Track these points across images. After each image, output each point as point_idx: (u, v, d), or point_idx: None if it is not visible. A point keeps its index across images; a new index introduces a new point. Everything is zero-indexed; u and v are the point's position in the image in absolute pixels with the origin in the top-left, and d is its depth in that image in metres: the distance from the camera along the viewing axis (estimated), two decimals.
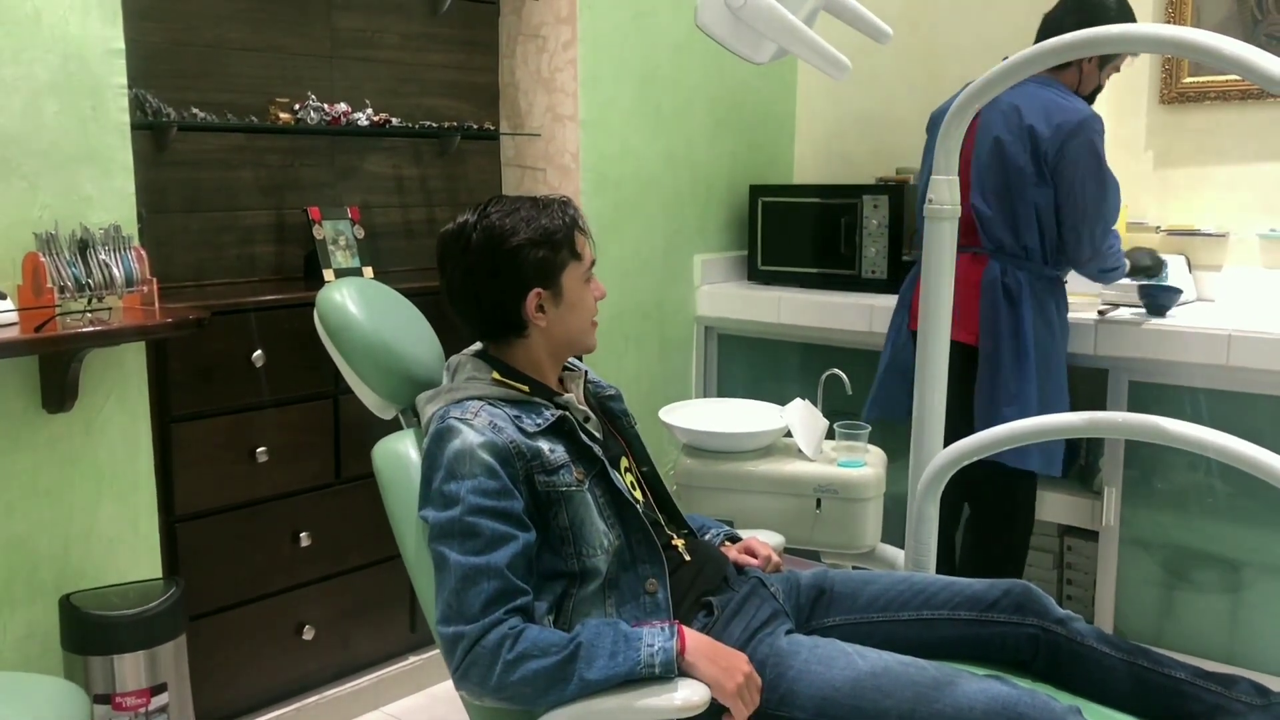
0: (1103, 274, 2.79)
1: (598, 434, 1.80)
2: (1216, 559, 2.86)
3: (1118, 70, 2.88)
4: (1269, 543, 2.78)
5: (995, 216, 2.72)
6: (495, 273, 1.72)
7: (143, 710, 2.12)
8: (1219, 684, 1.71)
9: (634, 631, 1.55)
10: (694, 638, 1.56)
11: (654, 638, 1.53)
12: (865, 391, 3.01)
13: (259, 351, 2.50)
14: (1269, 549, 2.78)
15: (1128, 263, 2.84)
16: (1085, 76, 2.79)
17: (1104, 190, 2.67)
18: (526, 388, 1.75)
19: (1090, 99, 2.81)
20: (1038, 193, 2.68)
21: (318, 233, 2.80)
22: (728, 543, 1.98)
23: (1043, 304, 2.73)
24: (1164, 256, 3.14)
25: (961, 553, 2.96)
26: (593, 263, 1.81)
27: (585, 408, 1.83)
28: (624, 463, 1.83)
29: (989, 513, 2.89)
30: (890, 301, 3.19)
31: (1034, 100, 2.67)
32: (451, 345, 1.91)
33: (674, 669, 1.52)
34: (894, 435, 2.99)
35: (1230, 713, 1.69)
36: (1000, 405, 2.69)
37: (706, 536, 1.96)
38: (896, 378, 2.94)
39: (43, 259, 2.05)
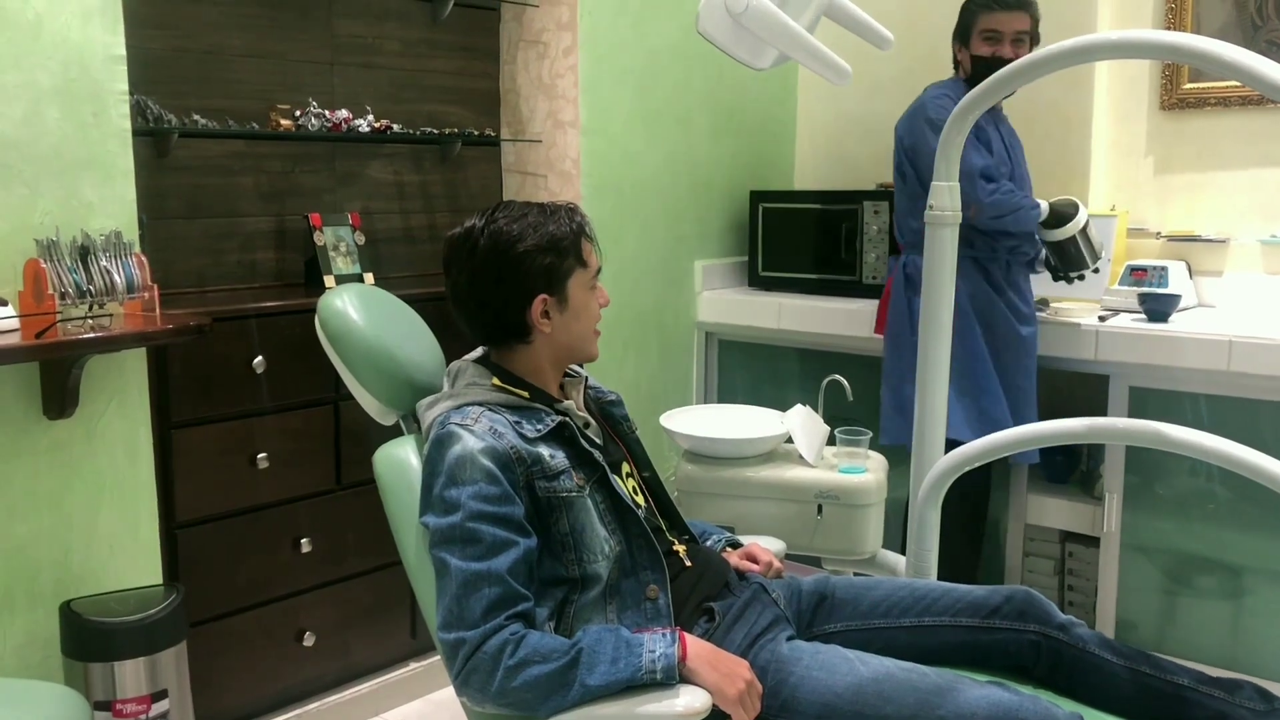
0: (997, 220, 2.83)
1: (598, 440, 1.80)
2: (1218, 564, 2.85)
3: (995, 38, 2.86)
4: (1271, 548, 2.77)
5: (898, 214, 3.01)
6: (501, 278, 1.72)
7: (143, 716, 2.12)
8: (1222, 689, 1.71)
9: (635, 637, 1.55)
10: (695, 644, 1.56)
11: (655, 644, 1.53)
12: (865, 397, 3.01)
13: (260, 358, 2.50)
14: (1271, 554, 2.77)
15: (1030, 209, 2.84)
16: (960, 62, 2.99)
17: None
18: (527, 394, 1.75)
19: (986, 71, 2.81)
20: (903, 181, 2.95)
21: (318, 239, 2.80)
22: (729, 549, 1.98)
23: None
24: (1163, 263, 3.14)
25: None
26: (599, 270, 1.81)
27: (585, 414, 1.83)
28: (625, 468, 1.83)
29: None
30: None
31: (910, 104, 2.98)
32: (452, 351, 1.91)
33: (675, 675, 1.52)
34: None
35: (1233, 718, 1.68)
36: (906, 392, 2.78)
37: (708, 543, 1.96)
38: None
39: (44, 265, 2.05)
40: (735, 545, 2.00)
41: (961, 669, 1.72)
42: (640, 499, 1.81)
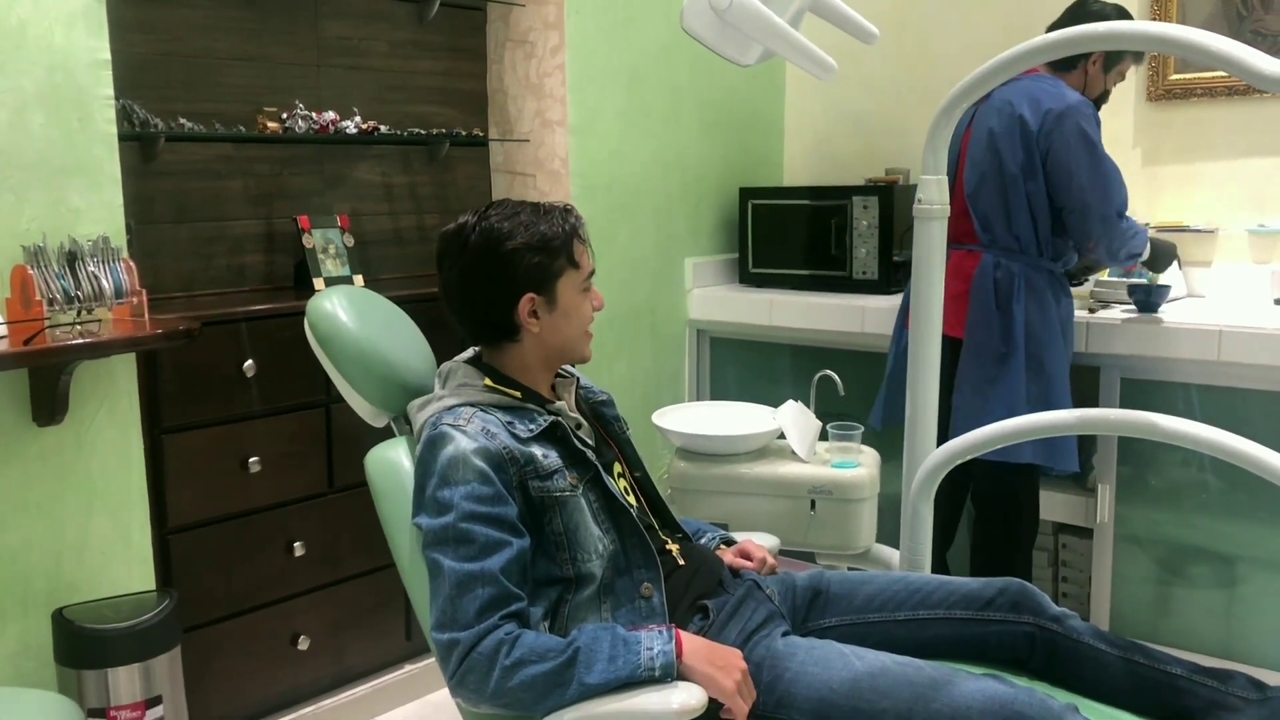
0: (1117, 259, 2.78)
1: (589, 441, 1.79)
2: (1211, 554, 2.86)
3: (1123, 78, 2.88)
4: (1263, 537, 2.78)
5: (989, 208, 2.74)
6: (490, 275, 1.72)
7: None
8: (1215, 679, 1.71)
9: (632, 635, 1.55)
10: (689, 641, 1.56)
11: (653, 641, 1.53)
12: (857, 392, 3.01)
13: (250, 361, 2.49)
14: (1263, 543, 2.78)
15: (1147, 247, 2.81)
16: (1090, 80, 2.81)
17: (1098, 173, 2.66)
18: (519, 394, 1.74)
19: (1097, 105, 2.81)
20: (1030, 182, 2.69)
21: (307, 241, 2.79)
22: (723, 546, 1.98)
23: (1040, 299, 2.73)
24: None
25: (972, 555, 2.96)
26: (592, 273, 1.80)
27: (577, 415, 1.82)
28: (617, 468, 1.83)
29: (993, 514, 2.89)
30: (880, 302, 3.19)
31: (1025, 92, 2.70)
32: (443, 352, 1.91)
33: (674, 672, 1.52)
34: (887, 435, 2.99)
35: (1226, 708, 1.69)
36: (986, 400, 2.70)
37: (702, 541, 1.95)
38: (900, 384, 2.94)
39: (31, 271, 2.04)
40: (729, 542, 2.00)
41: (957, 662, 1.72)
42: (632, 499, 1.81)
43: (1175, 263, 3.00)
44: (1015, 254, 2.73)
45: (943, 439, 2.26)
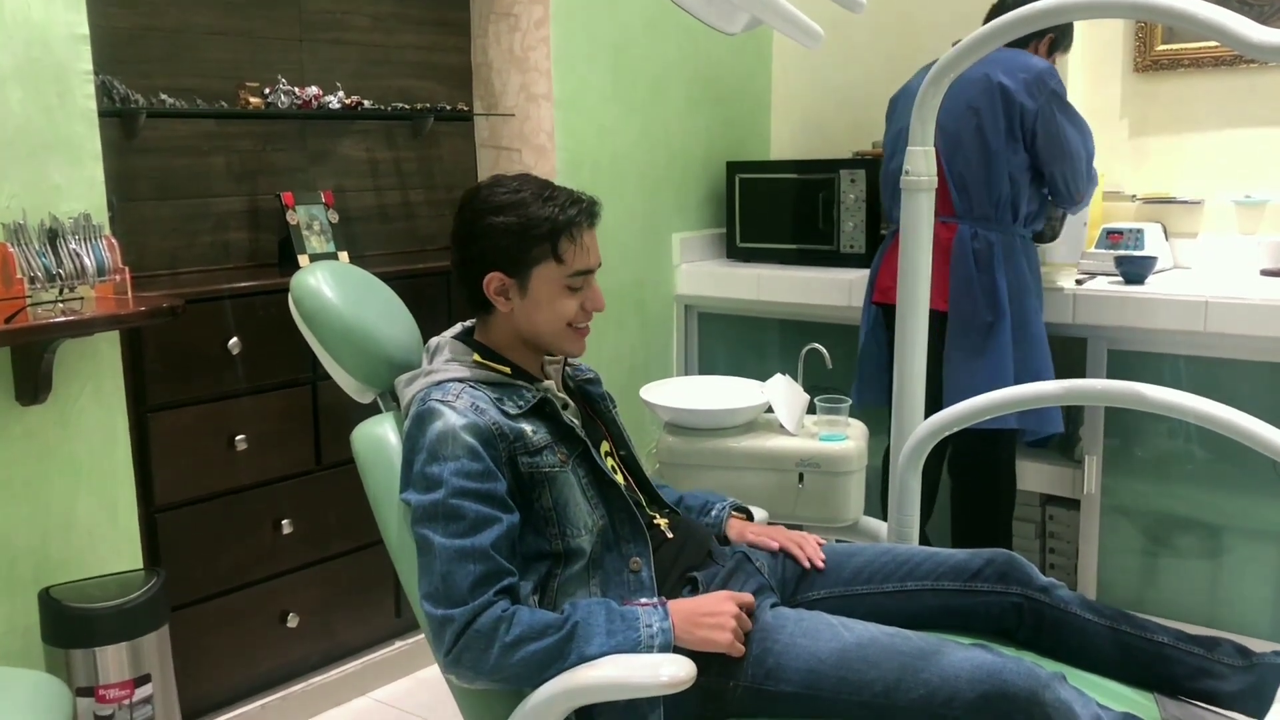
0: (1084, 206, 2.87)
1: (576, 420, 1.79)
2: (1197, 524, 2.88)
3: (1065, 53, 2.94)
4: (1248, 506, 2.80)
5: (968, 177, 2.75)
6: (465, 243, 1.73)
7: (126, 702, 2.11)
8: (1201, 647, 1.73)
9: (629, 610, 1.56)
10: (676, 613, 1.57)
11: (651, 618, 1.54)
12: (845, 366, 3.02)
13: (235, 339, 2.48)
14: (1248, 513, 2.80)
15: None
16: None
17: (1081, 132, 2.74)
18: (508, 370, 1.74)
19: None
20: (1011, 150, 2.72)
21: (291, 218, 2.77)
22: (735, 514, 1.98)
23: (1016, 265, 2.75)
24: (1139, 225, 3.16)
25: (953, 525, 2.97)
26: (585, 272, 1.74)
27: (564, 395, 1.82)
28: (605, 447, 1.83)
29: (971, 482, 2.91)
30: (868, 275, 3.18)
31: (997, 62, 2.72)
32: (429, 328, 1.90)
33: (671, 649, 1.53)
34: (873, 408, 2.99)
35: (1212, 675, 1.70)
36: (976, 370, 2.71)
37: (712, 511, 1.96)
38: (872, 362, 2.95)
39: (11, 249, 2.02)
40: (739, 509, 2.01)
41: (945, 633, 1.72)
42: (620, 476, 1.81)
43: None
44: (991, 222, 2.74)
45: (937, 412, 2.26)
